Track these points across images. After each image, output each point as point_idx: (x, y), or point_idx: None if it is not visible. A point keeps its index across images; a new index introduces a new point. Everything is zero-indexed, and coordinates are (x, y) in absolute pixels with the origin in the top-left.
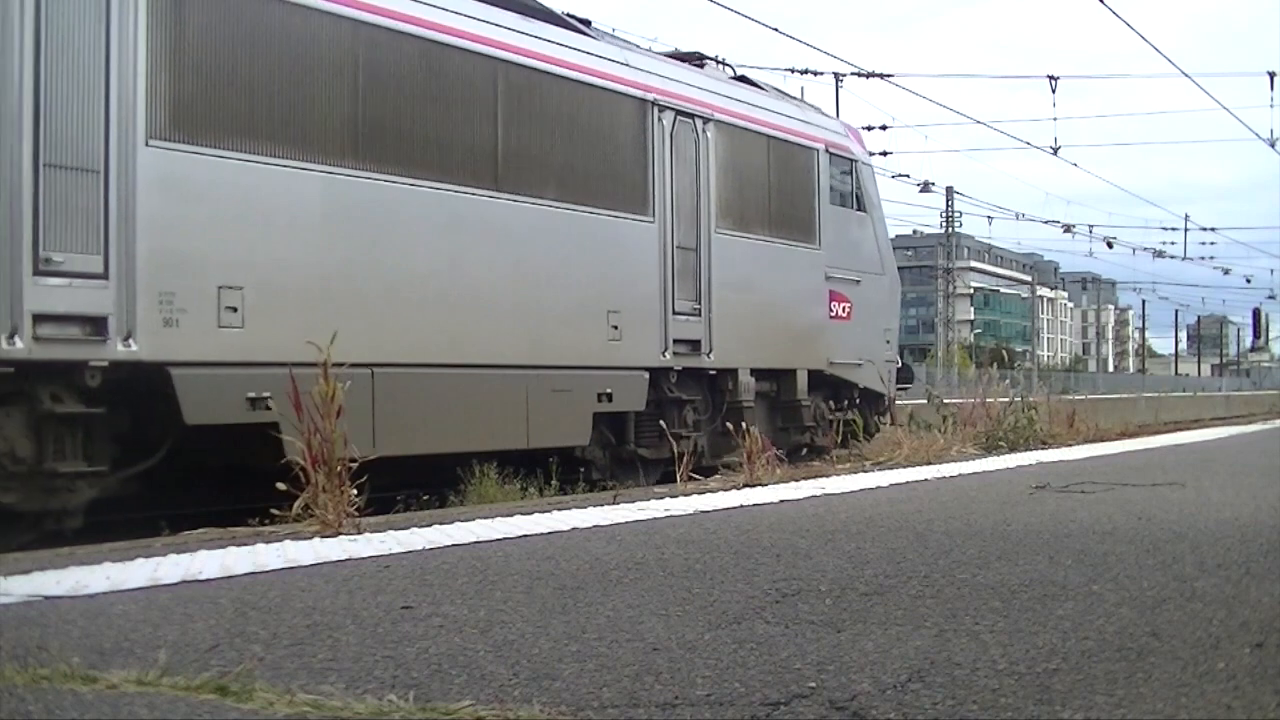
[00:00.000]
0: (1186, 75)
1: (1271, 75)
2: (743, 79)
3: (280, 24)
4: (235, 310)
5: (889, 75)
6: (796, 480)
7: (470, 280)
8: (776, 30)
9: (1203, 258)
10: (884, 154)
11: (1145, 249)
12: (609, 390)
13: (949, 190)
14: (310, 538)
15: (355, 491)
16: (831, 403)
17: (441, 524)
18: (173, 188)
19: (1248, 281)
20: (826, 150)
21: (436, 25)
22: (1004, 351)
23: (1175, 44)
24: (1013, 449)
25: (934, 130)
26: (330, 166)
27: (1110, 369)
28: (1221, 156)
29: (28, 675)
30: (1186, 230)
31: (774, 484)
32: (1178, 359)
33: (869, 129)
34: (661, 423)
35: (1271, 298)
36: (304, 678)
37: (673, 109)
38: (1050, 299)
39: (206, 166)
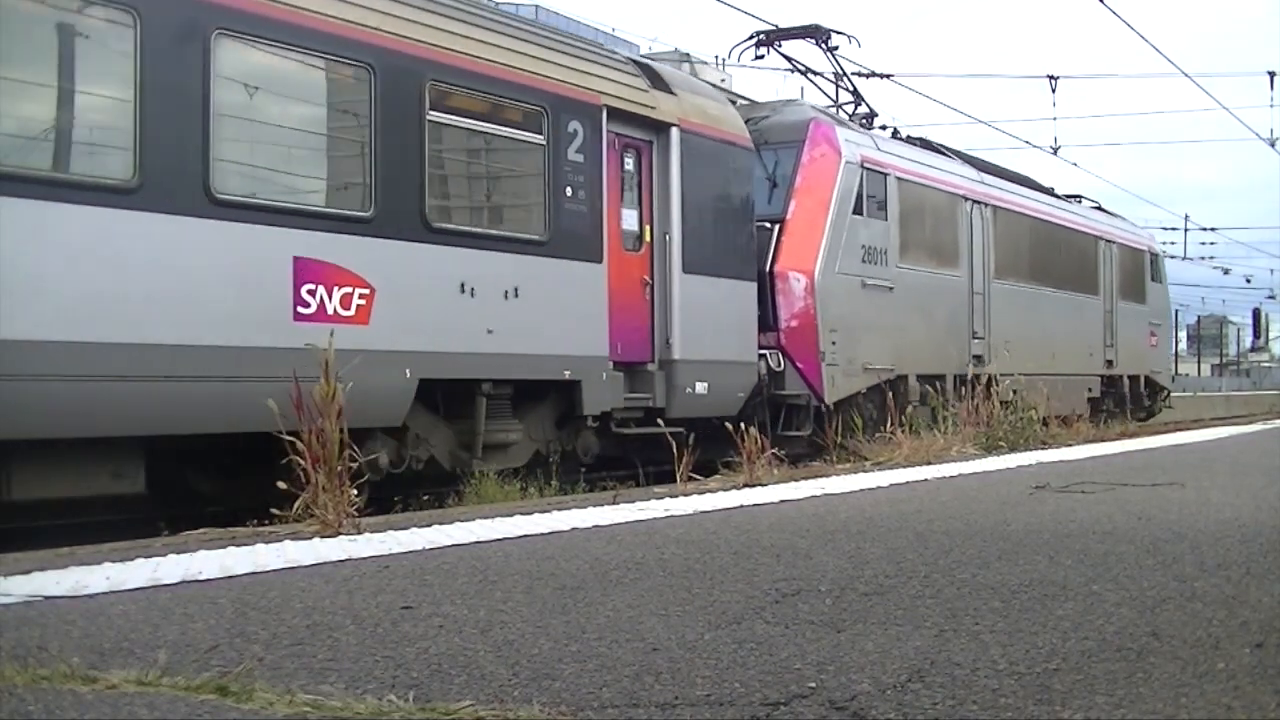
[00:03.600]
0: (1186, 75)
1: (1271, 75)
2: (1098, 208)
3: (1018, 221)
4: (1006, 351)
5: (889, 75)
6: (796, 480)
7: (1052, 333)
8: (777, 28)
9: (1203, 258)
10: None
11: None
12: (1090, 386)
13: None
14: (310, 538)
15: (355, 491)
16: (1146, 391)
17: (441, 524)
18: (997, 298)
19: (1248, 281)
20: (1149, 250)
21: (1029, 208)
22: None
23: (1175, 44)
24: (1012, 449)
25: (934, 130)
26: (1016, 283)
27: None
28: (1221, 156)
29: (28, 675)
30: (1186, 230)
31: (774, 484)
32: (1178, 359)
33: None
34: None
35: (1271, 298)
36: (304, 678)
37: (1104, 239)
38: None
39: (1002, 289)
